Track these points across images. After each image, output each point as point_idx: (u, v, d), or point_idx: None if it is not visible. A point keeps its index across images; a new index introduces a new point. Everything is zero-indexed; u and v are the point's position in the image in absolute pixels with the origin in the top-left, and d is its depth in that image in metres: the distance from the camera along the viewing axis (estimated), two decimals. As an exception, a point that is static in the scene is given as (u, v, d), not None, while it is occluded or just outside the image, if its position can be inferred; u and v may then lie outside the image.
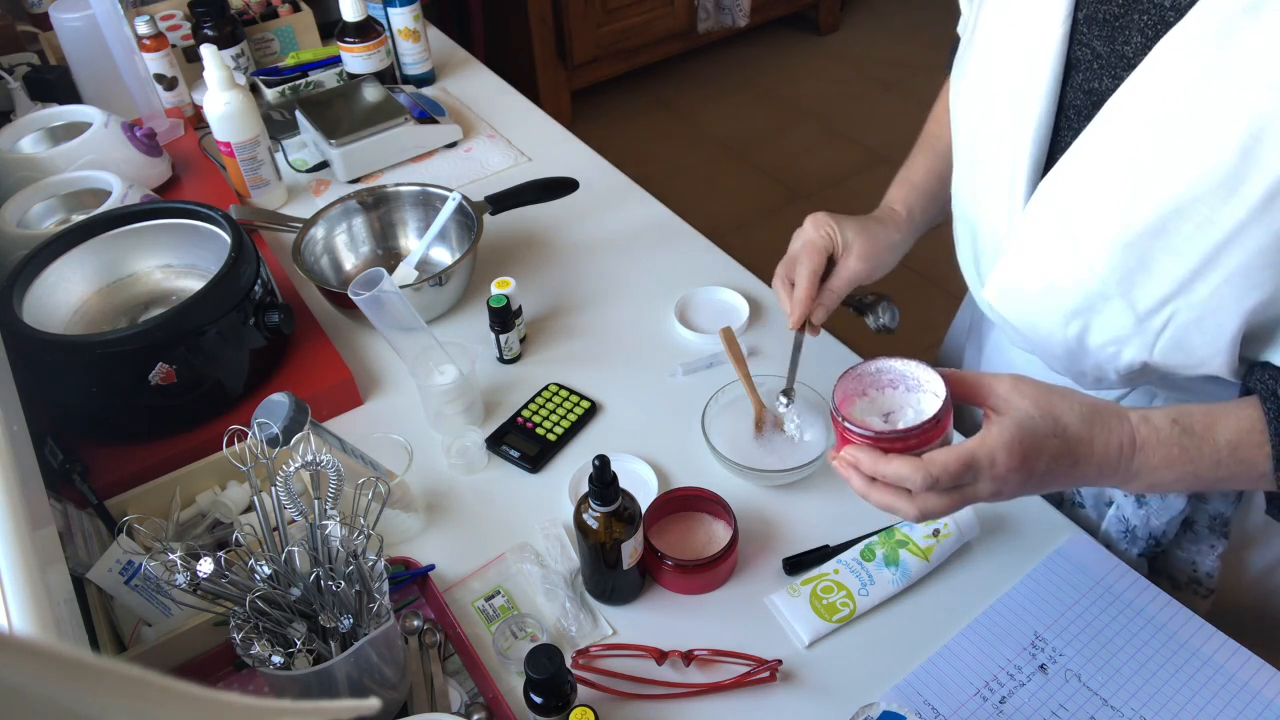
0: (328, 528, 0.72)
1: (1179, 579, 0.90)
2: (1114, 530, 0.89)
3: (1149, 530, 0.86)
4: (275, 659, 0.68)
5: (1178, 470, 0.66)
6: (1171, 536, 0.86)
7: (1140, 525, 0.86)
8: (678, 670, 0.81)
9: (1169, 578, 0.91)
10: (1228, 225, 0.60)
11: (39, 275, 1.02)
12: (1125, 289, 0.67)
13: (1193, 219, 0.62)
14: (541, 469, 0.98)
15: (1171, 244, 0.63)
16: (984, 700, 0.78)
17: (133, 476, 0.92)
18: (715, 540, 0.88)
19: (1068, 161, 0.69)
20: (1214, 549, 0.86)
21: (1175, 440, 0.66)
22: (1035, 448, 0.64)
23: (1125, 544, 0.89)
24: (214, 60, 1.22)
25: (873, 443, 0.65)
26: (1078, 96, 0.70)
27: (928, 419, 0.65)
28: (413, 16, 1.54)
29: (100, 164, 1.24)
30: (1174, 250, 0.64)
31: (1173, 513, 0.84)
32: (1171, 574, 0.90)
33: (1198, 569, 0.87)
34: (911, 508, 0.65)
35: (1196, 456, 0.66)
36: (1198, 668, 0.78)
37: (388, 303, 0.91)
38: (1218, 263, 0.62)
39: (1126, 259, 0.66)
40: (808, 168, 3.00)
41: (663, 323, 1.14)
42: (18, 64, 1.51)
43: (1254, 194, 0.59)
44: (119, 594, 0.80)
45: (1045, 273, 0.73)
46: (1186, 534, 0.87)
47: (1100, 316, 0.71)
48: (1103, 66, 0.68)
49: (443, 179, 1.39)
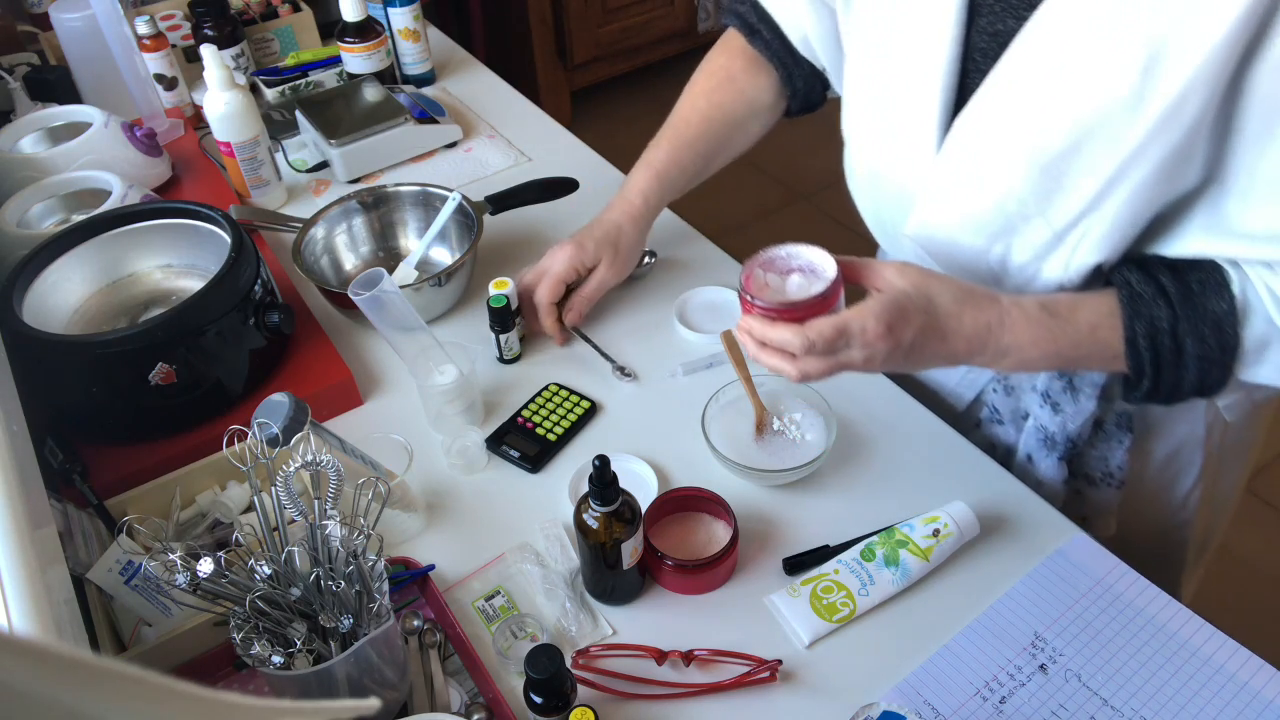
0: (328, 528, 0.72)
1: (1094, 476, 0.97)
2: (1034, 440, 0.95)
3: (1066, 434, 0.92)
4: (275, 659, 0.68)
5: (1042, 348, 0.74)
6: (1086, 437, 0.93)
7: (1058, 431, 0.92)
8: (678, 670, 0.81)
9: (1085, 476, 0.98)
10: (1133, 142, 0.66)
11: (39, 275, 1.02)
12: (1044, 208, 0.73)
13: (1102, 138, 0.67)
14: (541, 469, 0.98)
15: (1085, 163, 0.69)
16: (984, 700, 0.78)
17: (133, 476, 0.92)
18: (715, 540, 0.88)
19: (981, 99, 0.73)
20: (1122, 444, 0.94)
21: (1041, 320, 0.73)
22: (902, 319, 0.71)
23: (1046, 450, 0.94)
24: (214, 60, 1.22)
25: (764, 312, 0.74)
26: (983, 39, 0.74)
27: (814, 295, 0.73)
28: (413, 16, 1.54)
29: (100, 164, 1.24)
30: (1087, 168, 0.69)
31: (1085, 415, 0.90)
32: (1087, 472, 0.98)
33: (1109, 464, 0.95)
34: (794, 369, 0.74)
35: (1059, 336, 0.74)
36: (1198, 668, 0.78)
37: (388, 303, 0.91)
38: (1125, 176, 0.68)
39: (1045, 180, 0.71)
40: (808, 168, 3.00)
41: (663, 323, 1.14)
42: (18, 64, 1.51)
43: (1154, 112, 0.64)
44: (119, 594, 0.80)
45: (967, 204, 0.77)
46: (1098, 433, 0.94)
47: (1021, 236, 0.76)
48: (1005, 9, 0.72)
49: (443, 179, 1.39)
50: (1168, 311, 0.72)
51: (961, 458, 0.97)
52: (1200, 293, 0.71)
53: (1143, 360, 0.73)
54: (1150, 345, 0.73)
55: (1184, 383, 0.74)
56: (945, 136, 0.77)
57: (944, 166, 0.77)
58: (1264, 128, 0.62)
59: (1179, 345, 0.72)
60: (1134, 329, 0.73)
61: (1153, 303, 0.72)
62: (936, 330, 0.73)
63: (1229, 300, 0.70)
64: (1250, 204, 0.66)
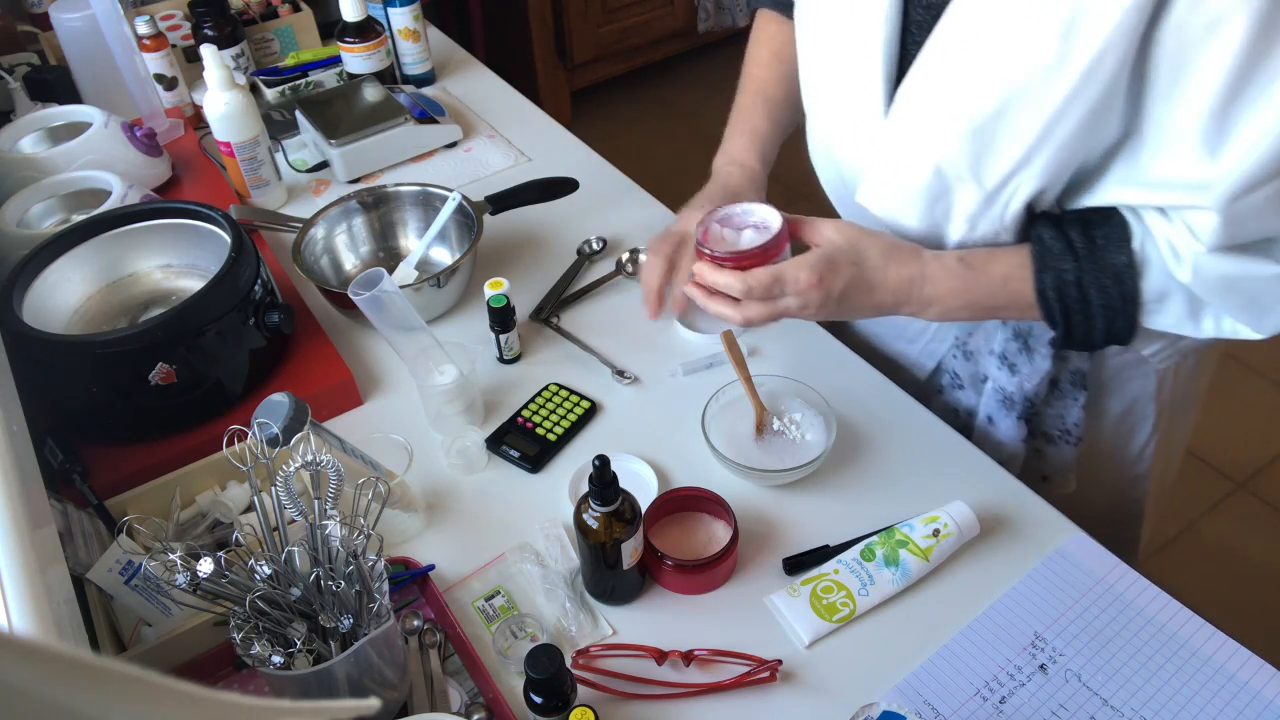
0: (328, 528, 0.72)
1: (1052, 434, 1.02)
2: (993, 402, 0.99)
3: (1024, 394, 0.96)
4: (275, 659, 0.68)
5: (962, 298, 0.81)
6: (1043, 396, 0.97)
7: (1016, 391, 0.96)
8: (678, 670, 0.81)
9: (1044, 434, 1.02)
10: (1055, 102, 0.69)
11: (39, 275, 1.02)
12: (975, 171, 0.76)
13: (1027, 101, 0.70)
14: (541, 469, 0.98)
15: (1012, 126, 0.72)
16: (984, 700, 0.78)
17: (133, 476, 0.92)
18: (715, 540, 0.88)
19: (918, 70, 0.77)
20: (1077, 401, 0.98)
21: (958, 273, 0.81)
22: (832, 271, 0.80)
23: (1005, 411, 0.99)
24: (214, 60, 1.22)
25: (713, 260, 0.81)
26: (918, 12, 0.78)
27: (756, 246, 0.80)
28: (413, 16, 1.54)
29: (100, 164, 1.24)
30: (1014, 131, 0.73)
31: (1040, 374, 0.94)
32: (1045, 431, 1.02)
33: (1066, 421, 1.00)
34: (737, 314, 0.81)
35: (975, 287, 0.81)
36: (1198, 668, 0.78)
37: (388, 303, 0.91)
38: (1050, 136, 0.72)
39: (975, 143, 0.75)
40: (808, 168, 3.00)
41: (663, 323, 1.14)
42: (18, 64, 1.51)
43: (1074, 73, 0.67)
44: (119, 594, 0.80)
45: (908, 169, 0.81)
46: (1054, 392, 0.98)
47: (956, 197, 0.80)
48: None
49: (443, 179, 1.39)
50: (1073, 265, 0.77)
51: (961, 458, 0.97)
52: (1105, 247, 0.76)
53: (1053, 310, 0.79)
54: (1059, 296, 0.78)
55: (1094, 331, 0.80)
56: (890, 108, 0.81)
57: (888, 136, 0.81)
58: (1170, 82, 0.66)
59: (1085, 296, 0.78)
60: (1043, 281, 0.78)
61: (1061, 256, 0.77)
62: (864, 282, 0.81)
63: (1129, 254, 0.76)
64: (1158, 154, 0.70)
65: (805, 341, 1.11)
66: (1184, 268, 0.73)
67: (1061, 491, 0.95)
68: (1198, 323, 0.77)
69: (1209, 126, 0.64)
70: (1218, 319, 0.77)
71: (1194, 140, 0.66)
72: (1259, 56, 0.60)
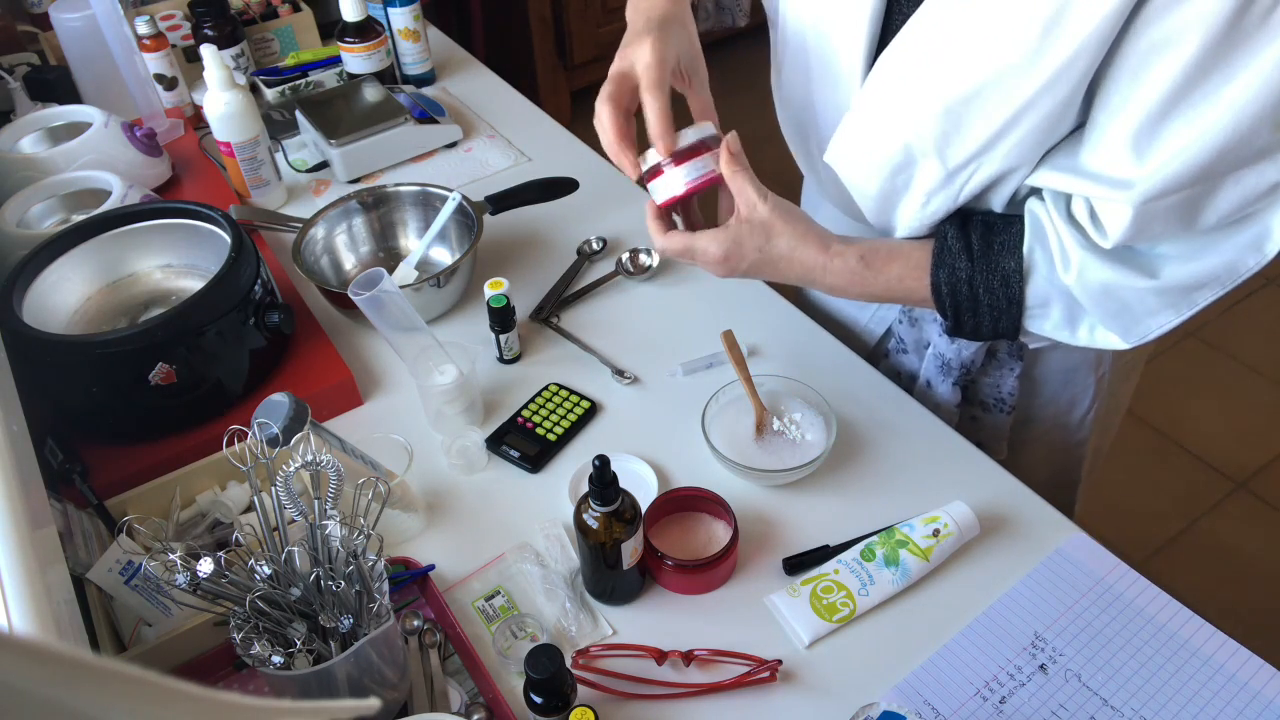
0: (328, 528, 0.72)
1: (987, 402, 1.06)
2: (932, 367, 1.04)
3: (960, 360, 1.00)
4: (275, 659, 0.68)
5: (857, 290, 0.88)
6: (980, 364, 1.01)
7: (954, 358, 1.00)
8: (678, 670, 0.81)
9: (979, 403, 1.07)
10: (1027, 93, 0.72)
11: (39, 275, 1.02)
12: (940, 148, 0.80)
13: (999, 89, 0.73)
14: (541, 469, 0.98)
15: (982, 110, 0.75)
16: (984, 700, 0.78)
17: (133, 476, 0.92)
18: (715, 540, 0.88)
19: (899, 43, 0.79)
20: (1013, 371, 1.02)
21: (856, 270, 0.87)
22: (738, 252, 0.85)
23: (942, 376, 1.03)
24: (214, 60, 1.22)
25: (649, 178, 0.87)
26: None
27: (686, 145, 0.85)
28: (413, 16, 1.54)
29: (100, 164, 1.24)
30: (983, 115, 0.76)
31: (977, 343, 0.98)
32: (981, 399, 1.07)
33: (1001, 390, 1.04)
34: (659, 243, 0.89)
35: (871, 283, 0.87)
36: (1198, 668, 0.78)
37: (388, 303, 0.91)
38: (1016, 125, 0.75)
39: (944, 123, 0.78)
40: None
41: (662, 323, 1.14)
42: (18, 64, 1.51)
43: (1049, 68, 0.70)
44: (119, 594, 0.80)
45: (877, 136, 0.84)
46: (991, 361, 1.02)
47: (918, 170, 0.84)
48: None
49: (443, 179, 1.39)
50: (967, 264, 0.83)
51: (961, 458, 0.97)
52: (999, 252, 0.82)
53: (944, 303, 0.85)
54: (951, 292, 0.84)
55: (981, 326, 0.86)
56: (867, 76, 0.83)
57: (863, 101, 0.84)
58: (1120, 88, 0.70)
59: (974, 294, 0.84)
60: (938, 276, 0.84)
61: (958, 256, 0.83)
62: (769, 264, 0.87)
63: (1018, 260, 0.81)
64: (1094, 149, 0.74)
65: (805, 342, 1.11)
66: (1070, 271, 0.78)
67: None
68: (1074, 330, 0.83)
69: (1142, 132, 0.69)
70: (1092, 328, 0.83)
71: (1127, 142, 0.71)
72: (1200, 78, 0.65)
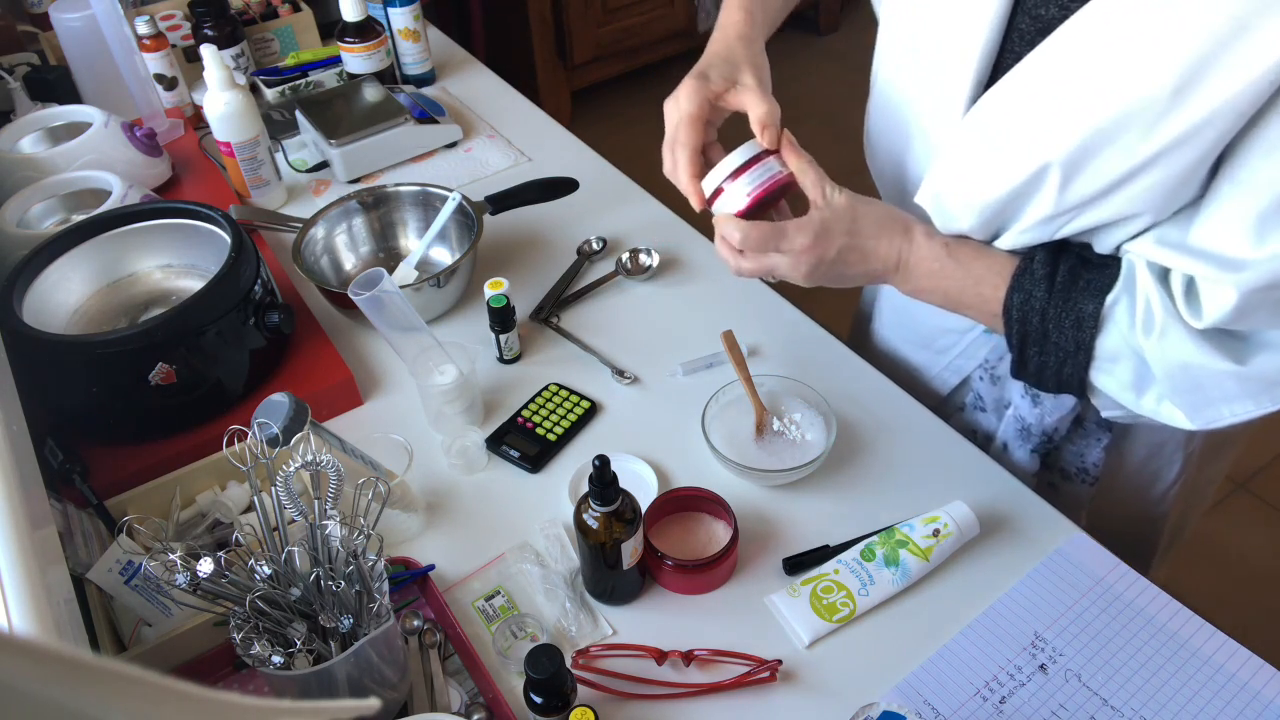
0: (328, 528, 0.72)
1: (1069, 471, 1.00)
2: (1011, 430, 0.98)
3: (1043, 428, 0.95)
4: (275, 659, 0.68)
5: (932, 282, 0.83)
6: (1064, 433, 0.96)
7: (1035, 423, 0.95)
8: (678, 670, 0.81)
9: (1059, 470, 1.01)
10: (1144, 154, 0.66)
11: (39, 275, 1.02)
12: (1046, 197, 0.74)
13: (1116, 145, 0.68)
14: (541, 469, 0.98)
15: (1092, 165, 0.70)
16: (984, 700, 0.78)
17: (133, 476, 0.92)
18: (715, 540, 0.88)
19: (1010, 81, 0.73)
20: (1100, 441, 0.96)
21: (940, 258, 0.82)
22: (828, 236, 0.80)
23: (1021, 441, 0.97)
24: (214, 60, 1.22)
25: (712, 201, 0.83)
26: (1024, 21, 0.74)
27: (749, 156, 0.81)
28: (413, 16, 1.54)
29: (100, 164, 1.24)
30: (1093, 170, 0.70)
31: (1063, 410, 0.93)
32: (1062, 467, 1.00)
33: (1085, 460, 0.98)
34: (734, 263, 0.83)
35: (951, 275, 0.81)
36: (1198, 668, 0.78)
37: (388, 303, 0.91)
38: (1127, 185, 0.69)
39: (1056, 173, 0.72)
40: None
41: (662, 323, 1.14)
42: (18, 64, 1.51)
43: (1174, 130, 0.64)
44: (119, 594, 0.80)
45: (975, 179, 0.79)
46: (1077, 430, 0.96)
47: (1016, 218, 0.78)
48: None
49: (443, 179, 1.39)
50: (1044, 293, 0.77)
51: (961, 458, 0.97)
52: (1083, 290, 0.76)
53: (1012, 330, 0.79)
54: (1021, 318, 0.78)
55: (1046, 368, 0.80)
56: (971, 108, 0.78)
57: (964, 135, 0.79)
58: (1250, 166, 0.64)
59: (1045, 328, 0.77)
60: (1012, 297, 0.78)
61: (1037, 281, 0.77)
62: (857, 250, 0.81)
63: (1097, 305, 0.75)
64: (1207, 223, 0.68)
65: (805, 341, 1.11)
66: (1151, 336, 0.72)
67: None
68: (1140, 396, 0.77)
69: (1268, 213, 0.64)
70: (1159, 398, 0.76)
71: (1249, 221, 0.65)
72: None
